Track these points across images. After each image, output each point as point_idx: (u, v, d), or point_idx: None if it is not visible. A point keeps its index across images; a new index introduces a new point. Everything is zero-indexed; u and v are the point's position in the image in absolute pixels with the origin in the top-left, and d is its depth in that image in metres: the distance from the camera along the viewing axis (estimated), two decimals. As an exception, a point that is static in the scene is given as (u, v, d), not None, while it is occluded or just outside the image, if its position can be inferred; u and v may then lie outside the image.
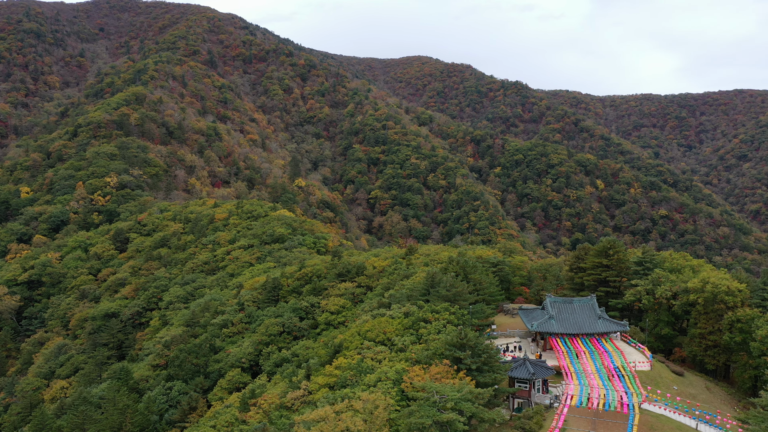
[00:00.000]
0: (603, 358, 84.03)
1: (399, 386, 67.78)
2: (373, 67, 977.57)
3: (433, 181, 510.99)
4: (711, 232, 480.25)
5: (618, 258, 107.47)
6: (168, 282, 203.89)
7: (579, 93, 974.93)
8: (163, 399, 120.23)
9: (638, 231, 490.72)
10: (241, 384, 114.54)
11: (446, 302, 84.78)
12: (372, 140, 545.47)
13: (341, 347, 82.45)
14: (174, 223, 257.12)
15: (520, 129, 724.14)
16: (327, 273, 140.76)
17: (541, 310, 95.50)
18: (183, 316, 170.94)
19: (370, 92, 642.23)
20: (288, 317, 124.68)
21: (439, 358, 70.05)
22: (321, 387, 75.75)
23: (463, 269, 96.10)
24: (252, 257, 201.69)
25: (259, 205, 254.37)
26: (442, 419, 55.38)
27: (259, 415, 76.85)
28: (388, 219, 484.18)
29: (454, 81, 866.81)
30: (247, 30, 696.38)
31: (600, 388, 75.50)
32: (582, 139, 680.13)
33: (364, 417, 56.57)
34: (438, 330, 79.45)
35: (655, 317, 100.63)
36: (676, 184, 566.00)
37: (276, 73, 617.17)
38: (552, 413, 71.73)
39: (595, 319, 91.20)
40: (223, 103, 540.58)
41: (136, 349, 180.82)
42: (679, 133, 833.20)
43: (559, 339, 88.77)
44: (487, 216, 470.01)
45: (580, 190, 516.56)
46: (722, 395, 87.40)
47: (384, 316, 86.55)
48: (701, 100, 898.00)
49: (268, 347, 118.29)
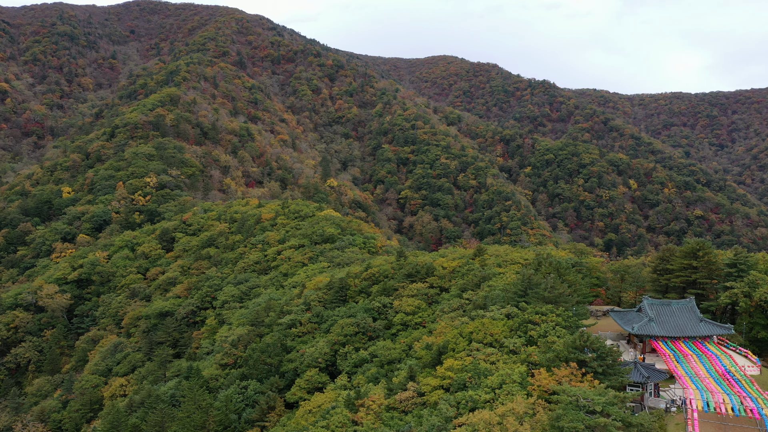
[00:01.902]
0: (712, 361, 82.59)
1: (526, 389, 67.03)
2: (399, 67, 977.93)
3: (464, 181, 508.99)
4: (748, 233, 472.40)
5: (708, 260, 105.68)
6: (220, 281, 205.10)
7: (606, 92, 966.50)
8: (239, 398, 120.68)
9: (673, 231, 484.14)
10: (320, 384, 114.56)
11: (548, 304, 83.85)
12: (401, 140, 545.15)
13: (446, 349, 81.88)
14: (219, 222, 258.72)
15: (548, 128, 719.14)
16: (394, 273, 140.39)
17: (637, 312, 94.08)
18: (242, 315, 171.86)
19: (398, 92, 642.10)
20: (361, 317, 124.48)
21: (561, 361, 69.16)
22: (434, 389, 75.28)
23: (557, 270, 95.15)
24: (304, 257, 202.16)
25: (305, 205, 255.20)
26: (597, 423, 54.57)
27: (371, 416, 76.55)
28: (419, 219, 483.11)
29: (480, 80, 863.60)
30: (274, 31, 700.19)
31: (720, 392, 74.10)
32: (611, 139, 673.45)
33: (529, 422, 55.92)
34: (546, 332, 78.57)
35: (750, 320, 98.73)
36: (709, 184, 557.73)
37: (304, 74, 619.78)
38: (671, 418, 70.48)
39: (697, 321, 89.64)
40: (254, 103, 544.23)
41: (193, 348, 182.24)
42: (711, 132, 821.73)
43: (660, 342, 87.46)
44: (518, 216, 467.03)
45: (612, 190, 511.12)
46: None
47: (484, 317, 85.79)
48: (733, 98, 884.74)
49: (345, 347, 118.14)
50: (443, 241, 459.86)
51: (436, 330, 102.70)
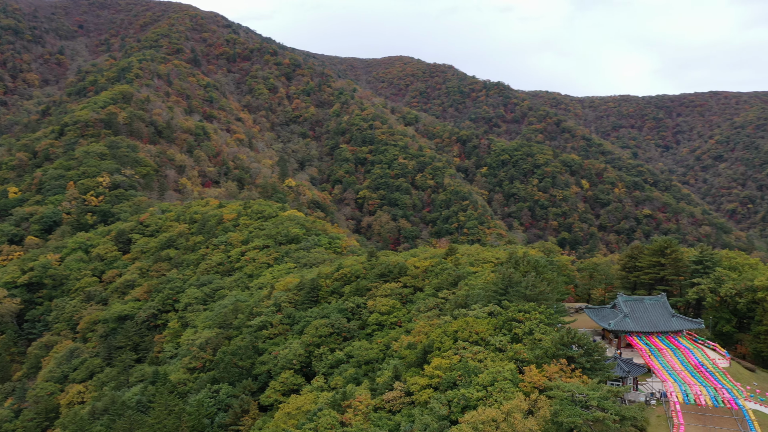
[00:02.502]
0: (686, 355, 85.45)
1: (517, 386, 67.77)
2: (355, 67, 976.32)
3: (421, 180, 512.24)
4: (693, 231, 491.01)
5: (675, 257, 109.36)
6: (182, 283, 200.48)
7: (558, 94, 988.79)
8: (211, 402, 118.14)
9: (623, 230, 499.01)
10: (296, 386, 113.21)
11: (530, 302, 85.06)
12: (359, 140, 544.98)
13: (432, 348, 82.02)
14: (178, 223, 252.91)
15: (502, 129, 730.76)
16: (366, 273, 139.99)
17: (611, 309, 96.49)
18: (207, 317, 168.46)
19: (356, 92, 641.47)
20: (335, 318, 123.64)
21: (549, 358, 70.27)
22: (423, 388, 75.25)
23: (535, 268, 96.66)
24: (269, 258, 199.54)
25: (268, 206, 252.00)
26: (596, 417, 55.65)
27: (359, 417, 75.95)
28: (377, 219, 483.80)
29: (437, 81, 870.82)
30: (229, 28, 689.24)
31: (696, 384, 76.71)
32: (564, 140, 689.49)
33: (534, 418, 56.38)
34: (531, 329, 79.65)
35: (716, 315, 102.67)
36: (656, 184, 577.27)
37: (261, 72, 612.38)
38: (652, 411, 72.55)
39: (669, 316, 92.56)
40: (209, 102, 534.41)
41: (155, 352, 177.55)
42: (657, 133, 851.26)
43: (635, 337, 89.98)
44: (476, 216, 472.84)
45: (565, 190, 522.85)
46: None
47: (468, 316, 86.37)
48: (678, 102, 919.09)
49: (320, 348, 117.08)
50: (401, 240, 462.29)
51: (414, 329, 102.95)
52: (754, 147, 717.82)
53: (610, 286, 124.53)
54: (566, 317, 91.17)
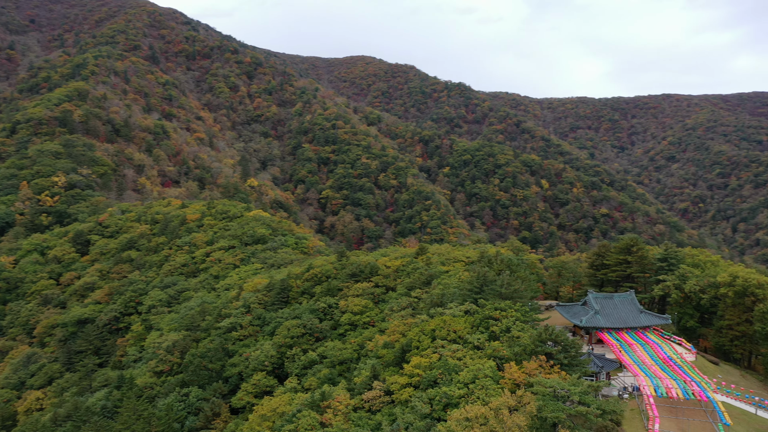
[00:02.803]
0: (655, 350, 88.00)
1: (498, 383, 68.61)
2: (317, 66, 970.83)
3: (384, 180, 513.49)
4: (648, 229, 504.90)
5: (641, 255, 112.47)
6: (145, 285, 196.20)
7: (518, 95, 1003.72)
8: (180, 406, 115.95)
9: (581, 229, 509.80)
10: (268, 387, 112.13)
11: (505, 300, 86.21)
12: (322, 140, 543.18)
13: (410, 347, 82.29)
14: (139, 224, 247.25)
15: (464, 130, 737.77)
16: (337, 273, 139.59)
17: (581, 306, 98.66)
18: (173, 320, 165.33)
19: (318, 91, 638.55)
20: (307, 318, 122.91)
21: (528, 355, 71.38)
22: (403, 387, 75.45)
23: (509, 267, 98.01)
24: (235, 259, 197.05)
25: (232, 206, 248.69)
26: (579, 412, 56.77)
27: (339, 418, 75.61)
28: (340, 219, 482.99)
29: (399, 81, 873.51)
30: (189, 25, 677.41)
31: (666, 378, 79.05)
32: (524, 140, 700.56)
33: (522, 414, 57.03)
34: (509, 327, 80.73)
35: (680, 310, 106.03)
36: (612, 184, 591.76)
37: (221, 71, 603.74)
38: (625, 404, 74.46)
39: (638, 313, 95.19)
40: (168, 100, 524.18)
41: (118, 356, 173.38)
42: (613, 134, 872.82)
43: (606, 333, 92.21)
44: (438, 215, 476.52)
45: (526, 190, 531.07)
46: (756, 382, 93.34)
47: (444, 314, 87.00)
48: (632, 104, 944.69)
49: (292, 350, 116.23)
50: (365, 240, 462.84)
51: (388, 329, 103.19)
52: (705, 148, 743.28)
53: (578, 284, 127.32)
54: (540, 315, 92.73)
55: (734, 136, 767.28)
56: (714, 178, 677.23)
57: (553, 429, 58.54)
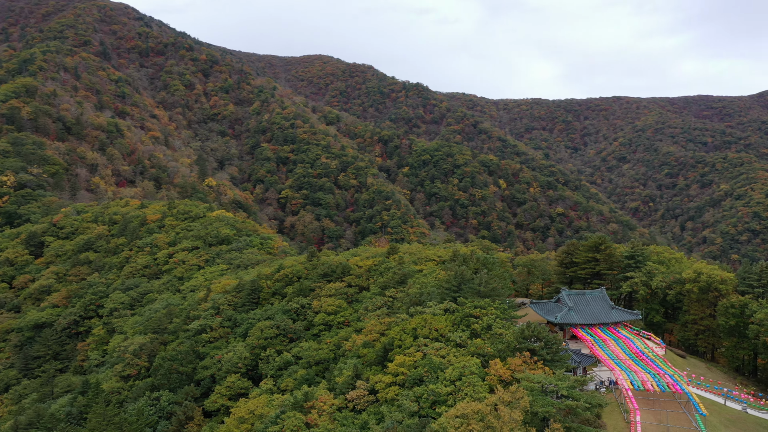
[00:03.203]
0: (628, 344, 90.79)
1: (484, 380, 69.65)
2: (274, 65, 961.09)
3: (344, 180, 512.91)
4: (602, 228, 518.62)
5: (609, 252, 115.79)
6: (106, 288, 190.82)
7: (475, 96, 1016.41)
8: (151, 410, 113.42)
9: (538, 228, 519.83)
10: (243, 389, 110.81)
11: (484, 298, 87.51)
12: (280, 139, 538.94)
13: (392, 345, 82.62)
14: (97, 225, 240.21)
15: (422, 130, 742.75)
16: (308, 274, 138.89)
17: (555, 303, 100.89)
18: (137, 322, 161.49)
19: (276, 90, 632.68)
20: (280, 319, 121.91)
21: (511, 351, 72.71)
22: (388, 385, 75.72)
23: (485, 265, 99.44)
24: (200, 260, 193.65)
25: (194, 206, 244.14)
26: (569, 406, 58.16)
27: (324, 418, 75.30)
28: (300, 219, 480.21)
29: (357, 81, 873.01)
30: (141, 21, 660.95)
31: (641, 371, 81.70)
32: (481, 141, 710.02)
33: (518, 409, 57.90)
34: (489, 324, 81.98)
35: (647, 306, 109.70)
36: (567, 184, 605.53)
37: (176, 68, 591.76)
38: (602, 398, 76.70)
39: (609, 309, 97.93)
40: (121, 97, 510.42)
41: (79, 360, 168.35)
42: (566, 135, 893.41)
43: (580, 329, 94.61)
44: (399, 215, 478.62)
45: (484, 189, 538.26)
46: (720, 374, 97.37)
47: (424, 313, 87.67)
48: (585, 106, 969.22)
49: (266, 351, 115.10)
50: (326, 240, 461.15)
51: (365, 328, 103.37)
52: (654, 149, 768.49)
53: (548, 282, 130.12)
54: (517, 312, 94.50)
55: (681, 138, 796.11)
56: (663, 178, 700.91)
57: (543, 424, 59.95)
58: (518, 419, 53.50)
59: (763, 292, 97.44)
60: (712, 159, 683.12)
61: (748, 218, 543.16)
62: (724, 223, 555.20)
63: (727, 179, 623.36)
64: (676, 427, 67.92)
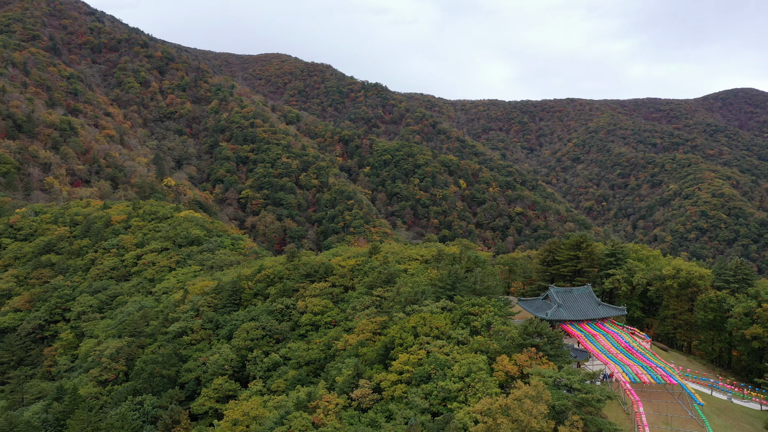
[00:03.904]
0: (617, 339, 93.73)
1: (493, 375, 70.95)
2: (231, 63, 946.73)
3: (306, 180, 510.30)
4: (560, 227, 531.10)
5: (590, 250, 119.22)
6: (72, 291, 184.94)
7: (433, 96, 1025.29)
8: (135, 415, 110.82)
9: (498, 227, 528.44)
10: (231, 391, 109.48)
11: (479, 296, 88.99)
12: (240, 138, 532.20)
13: (393, 344, 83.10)
14: (57, 226, 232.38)
15: (381, 130, 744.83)
16: (290, 274, 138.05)
17: (543, 300, 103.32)
18: (109, 325, 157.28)
19: (234, 89, 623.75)
20: (265, 320, 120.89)
21: (516, 347, 74.29)
22: (394, 383, 76.21)
23: (476, 264, 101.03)
24: (170, 261, 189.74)
25: (160, 206, 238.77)
26: (584, 399, 59.89)
27: (331, 417, 75.14)
28: (262, 219, 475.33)
29: (315, 80, 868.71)
30: (93, 16, 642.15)
31: (633, 365, 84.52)
32: (440, 141, 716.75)
33: (543, 403, 59.11)
34: (489, 322, 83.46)
35: (628, 302, 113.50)
36: (524, 184, 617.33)
37: (130, 65, 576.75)
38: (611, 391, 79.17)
39: (596, 305, 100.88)
40: (74, 94, 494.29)
41: (47, 366, 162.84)
42: (522, 136, 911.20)
43: (569, 325, 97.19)
44: (361, 215, 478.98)
45: (445, 189, 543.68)
46: (700, 366, 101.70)
47: (422, 311, 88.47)
48: (540, 107, 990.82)
49: (253, 352, 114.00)
50: (287, 240, 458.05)
51: (356, 328, 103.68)
52: (606, 150, 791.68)
53: (529, 280, 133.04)
54: (512, 309, 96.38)
55: (632, 139, 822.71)
56: (615, 179, 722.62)
57: (559, 416, 61.51)
58: (544, 412, 55.01)
59: (738, 287, 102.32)
60: (661, 160, 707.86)
61: (696, 217, 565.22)
62: (674, 222, 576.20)
63: (676, 179, 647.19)
64: (678, 417, 70.88)
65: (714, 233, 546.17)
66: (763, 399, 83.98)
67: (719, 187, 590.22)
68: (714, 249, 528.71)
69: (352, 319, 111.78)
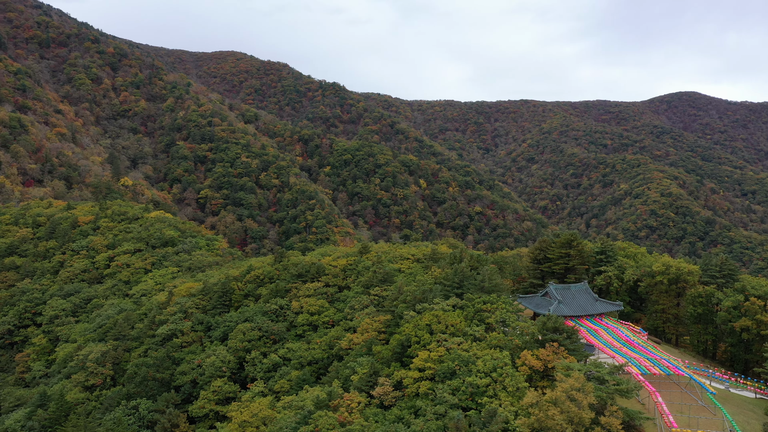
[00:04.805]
0: (617, 333, 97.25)
1: (518, 370, 72.77)
2: (185, 60, 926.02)
3: (266, 180, 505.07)
4: (518, 225, 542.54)
5: (580, 248, 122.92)
6: (42, 294, 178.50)
7: (390, 96, 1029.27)
8: (130, 420, 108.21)
9: (458, 226, 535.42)
10: (230, 393, 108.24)
11: (489, 294, 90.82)
12: (197, 137, 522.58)
13: (409, 342, 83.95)
14: (18, 227, 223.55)
15: (340, 129, 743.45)
16: (280, 274, 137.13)
17: (542, 297, 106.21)
18: (87, 329, 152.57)
19: (191, 87, 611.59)
20: (261, 321, 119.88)
21: (536, 343, 76.37)
22: (417, 380, 77.11)
23: (479, 262, 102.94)
24: (146, 263, 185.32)
25: (129, 207, 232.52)
26: (617, 390, 62.27)
27: (356, 415, 75.37)
28: (222, 219, 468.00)
29: (272, 79, 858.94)
30: (40, 9, 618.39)
31: (640, 357, 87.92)
32: (398, 141, 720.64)
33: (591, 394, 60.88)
34: (503, 318, 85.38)
35: (619, 298, 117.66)
36: (482, 183, 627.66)
37: (81, 61, 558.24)
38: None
39: (593, 301, 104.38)
40: (22, 91, 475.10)
41: (20, 373, 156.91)
42: (478, 137, 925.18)
43: (570, 320, 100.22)
44: (323, 215, 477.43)
45: (405, 189, 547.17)
46: (690, 358, 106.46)
47: (433, 309, 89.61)
48: (494, 108, 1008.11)
49: (251, 354, 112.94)
50: (248, 241, 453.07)
51: (360, 327, 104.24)
52: (559, 151, 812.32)
53: (519, 277, 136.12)
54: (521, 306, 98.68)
55: (584, 140, 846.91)
56: (568, 178, 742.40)
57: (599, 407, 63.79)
58: (593, 403, 57.08)
59: (724, 282, 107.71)
60: (612, 160, 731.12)
61: (646, 215, 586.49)
62: (625, 220, 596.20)
63: (626, 179, 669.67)
64: (690, 405, 74.43)
65: (663, 231, 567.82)
66: (757, 388, 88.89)
67: (667, 187, 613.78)
68: (663, 246, 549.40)
69: (352, 318, 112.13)
